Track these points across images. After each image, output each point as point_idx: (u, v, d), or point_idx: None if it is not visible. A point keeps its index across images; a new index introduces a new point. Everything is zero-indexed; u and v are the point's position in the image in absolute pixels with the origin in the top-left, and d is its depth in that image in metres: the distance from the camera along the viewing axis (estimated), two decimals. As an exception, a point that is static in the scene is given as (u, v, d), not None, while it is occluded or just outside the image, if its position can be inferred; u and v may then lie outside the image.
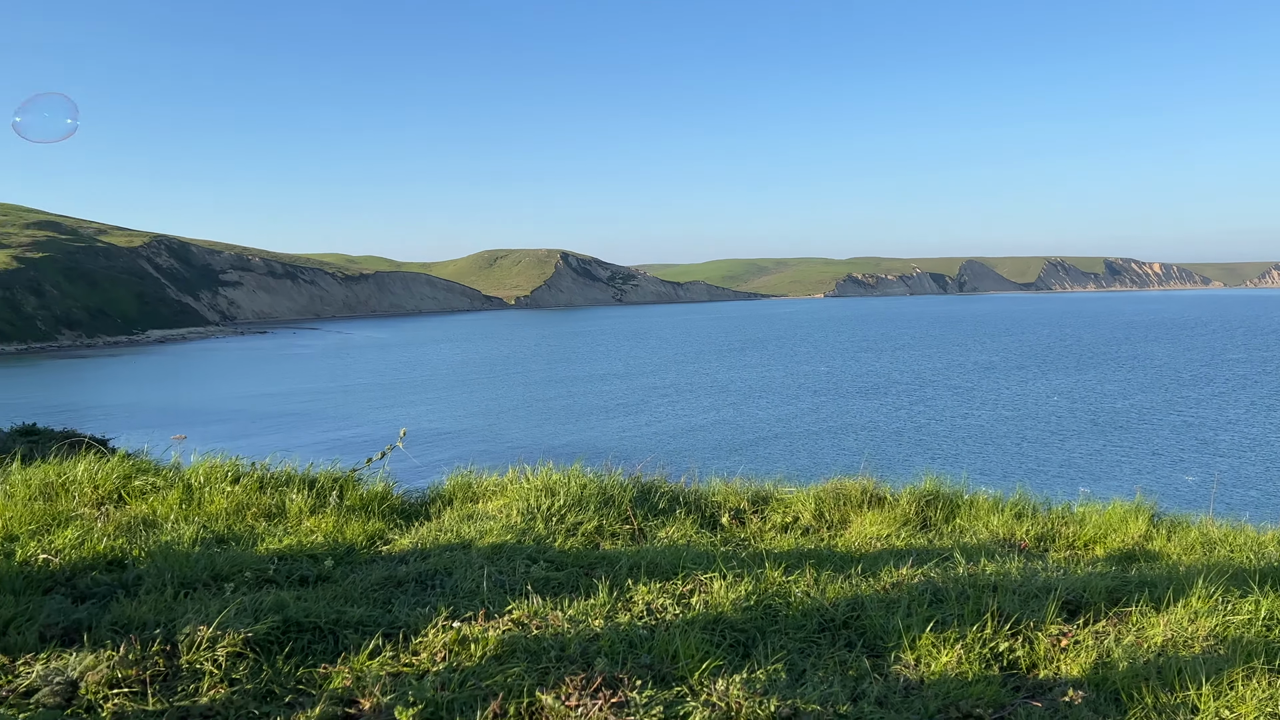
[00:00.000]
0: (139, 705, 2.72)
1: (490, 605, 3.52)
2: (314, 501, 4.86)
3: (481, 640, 3.21)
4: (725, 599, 3.67)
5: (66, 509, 4.38)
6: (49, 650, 2.96)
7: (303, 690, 2.91)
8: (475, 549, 4.25)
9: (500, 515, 4.89)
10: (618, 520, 4.92)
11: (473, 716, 2.74)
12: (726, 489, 5.62)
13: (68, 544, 3.85)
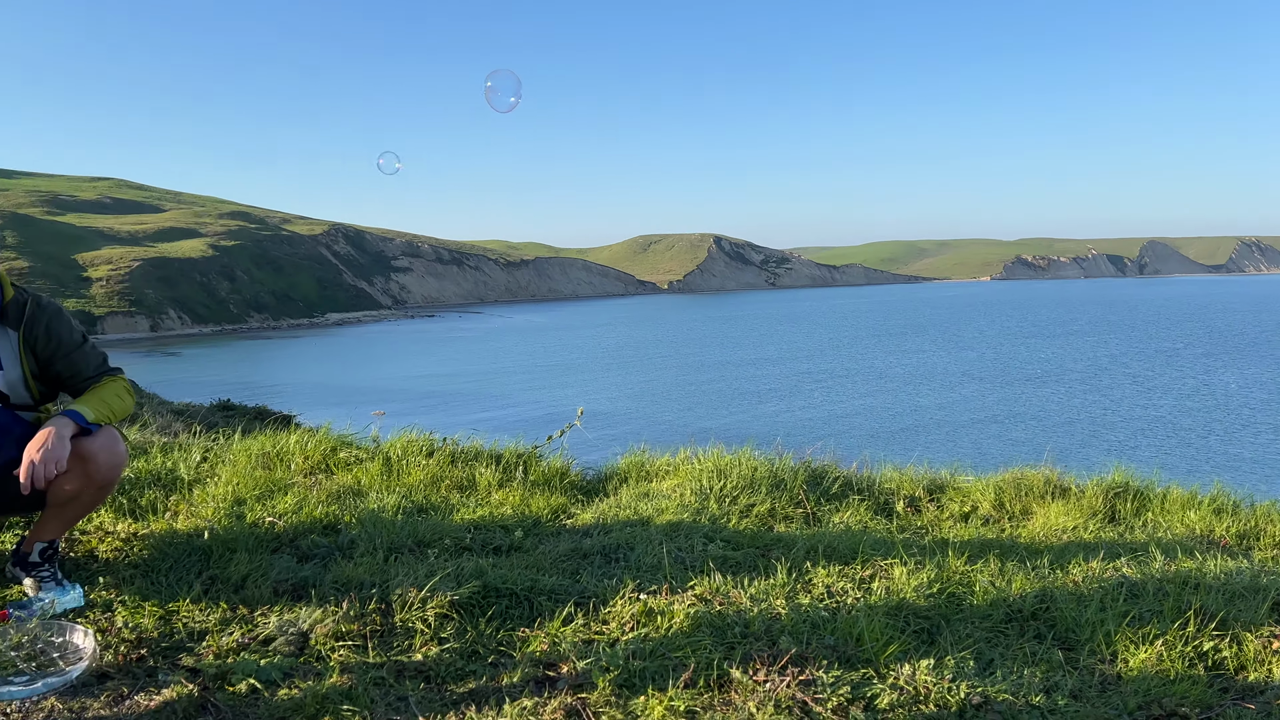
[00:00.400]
0: (361, 658, 2.97)
1: (673, 580, 3.63)
2: (501, 476, 5.12)
3: (668, 613, 3.33)
4: (907, 585, 3.65)
5: (283, 478, 4.79)
6: (281, 604, 3.27)
7: (504, 651, 3.10)
8: (653, 526, 4.37)
9: (674, 494, 5.00)
10: (790, 504, 4.95)
11: (664, 684, 2.85)
12: (900, 476, 5.55)
13: (288, 509, 4.21)
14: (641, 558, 3.90)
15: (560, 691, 2.81)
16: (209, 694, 2.71)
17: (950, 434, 45.88)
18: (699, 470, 5.23)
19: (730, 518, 4.63)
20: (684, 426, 40.01)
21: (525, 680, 2.88)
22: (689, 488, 4.99)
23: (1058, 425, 48.04)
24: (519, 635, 3.19)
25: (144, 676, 2.79)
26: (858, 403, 56.66)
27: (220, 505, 4.23)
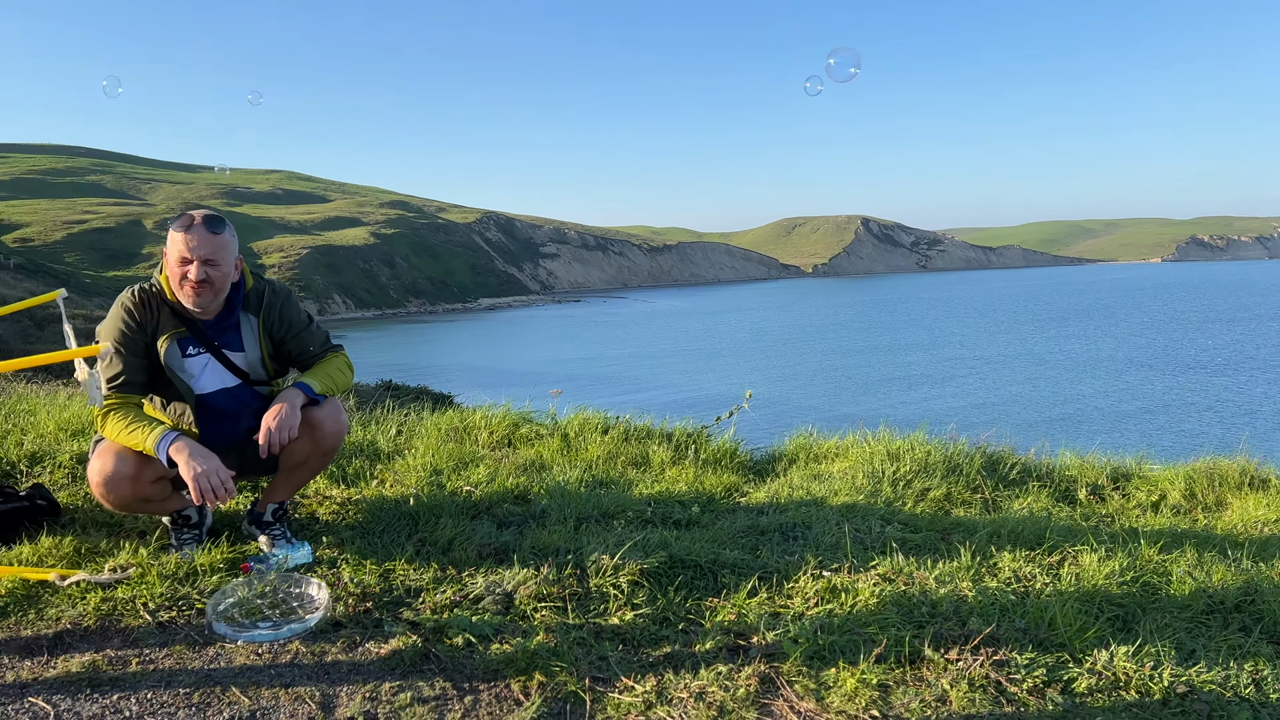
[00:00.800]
0: (561, 618, 3.15)
1: (854, 559, 3.67)
2: (673, 454, 5.26)
3: (852, 590, 3.38)
4: (1098, 572, 3.57)
5: (472, 451, 5.08)
6: (485, 566, 3.51)
7: (692, 619, 3.23)
8: (828, 506, 4.42)
9: (844, 477, 5.02)
10: (966, 489, 4.89)
11: (854, 659, 2.91)
12: (1081, 463, 5.39)
13: (481, 479, 4.48)
14: (820, 537, 3.96)
15: (753, 660, 2.91)
16: (430, 645, 2.95)
17: (1115, 423, 43.46)
18: (870, 453, 5.23)
19: (905, 501, 4.62)
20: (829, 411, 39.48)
21: (718, 648, 2.99)
22: (861, 470, 5.00)
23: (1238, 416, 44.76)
24: (706, 605, 3.30)
25: (372, 627, 3.06)
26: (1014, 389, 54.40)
27: (421, 475, 4.54)
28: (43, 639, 2.91)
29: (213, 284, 3.32)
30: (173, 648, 2.89)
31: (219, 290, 3.37)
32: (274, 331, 3.56)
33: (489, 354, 78.75)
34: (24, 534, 3.60)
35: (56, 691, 2.64)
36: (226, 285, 3.40)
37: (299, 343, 3.60)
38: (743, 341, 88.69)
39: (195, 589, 3.22)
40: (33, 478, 4.24)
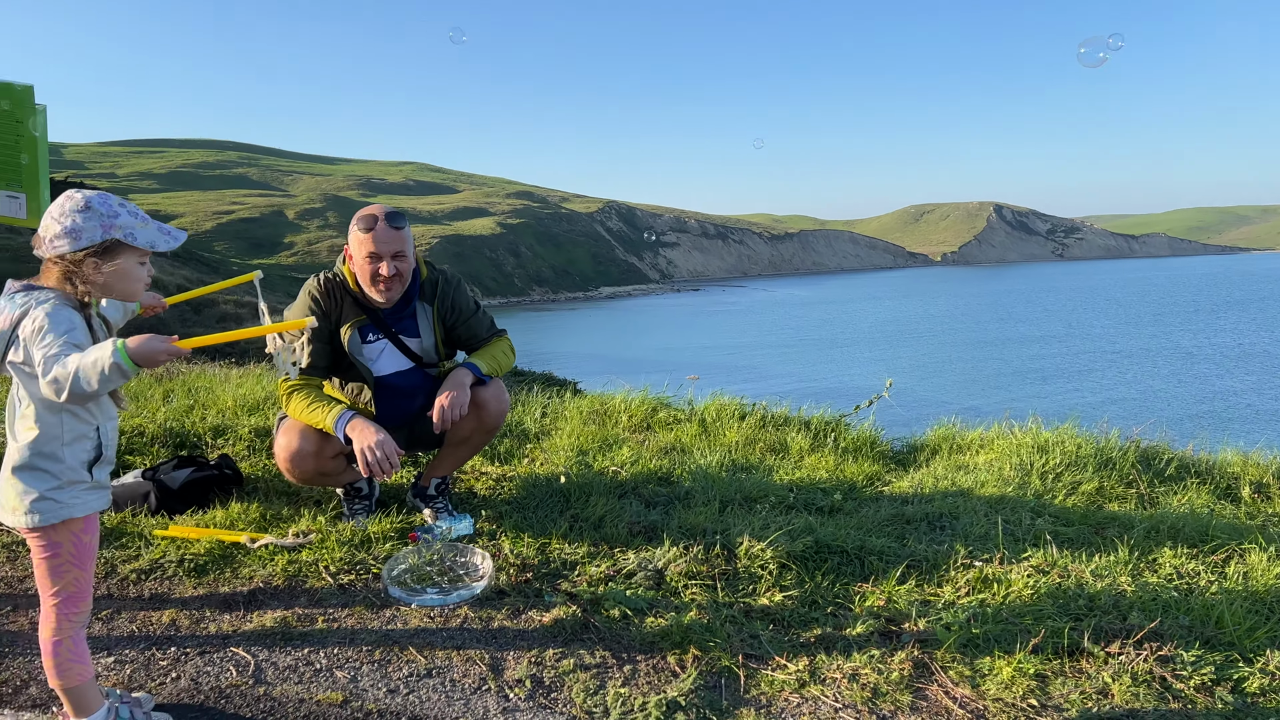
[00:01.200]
0: (711, 596, 3.24)
1: (1005, 550, 3.63)
2: (811, 441, 5.28)
3: (1004, 581, 3.35)
4: (1268, 571, 3.43)
5: (614, 433, 5.22)
6: (636, 544, 3.62)
7: (840, 604, 3.26)
8: (974, 497, 4.36)
9: (990, 468, 4.93)
10: (1120, 483, 4.74)
11: (1008, 648, 2.89)
12: (1244, 460, 5.13)
13: (625, 461, 4.60)
14: (968, 527, 3.92)
15: (906, 645, 2.93)
16: (589, 616, 3.08)
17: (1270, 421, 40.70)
18: (1017, 445, 5.11)
19: (1055, 494, 4.51)
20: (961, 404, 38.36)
21: (869, 632, 3.02)
22: (1007, 462, 4.90)
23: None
24: (855, 590, 3.33)
25: (533, 596, 3.22)
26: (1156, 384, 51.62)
27: (568, 454, 4.70)
28: (239, 595, 3.18)
29: (401, 276, 3.54)
30: (353, 608, 3.11)
31: (405, 281, 3.59)
32: (446, 318, 3.76)
33: (610, 342, 79.67)
34: (215, 500, 3.92)
35: (255, 643, 2.88)
36: (410, 275, 3.61)
37: (468, 328, 3.79)
38: (868, 331, 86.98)
39: (370, 555, 3.45)
40: (217, 449, 4.60)
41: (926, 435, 5.67)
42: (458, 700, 2.62)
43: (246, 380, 6.28)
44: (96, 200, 2.20)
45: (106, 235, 2.18)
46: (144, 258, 2.28)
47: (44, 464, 2.19)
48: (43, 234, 2.20)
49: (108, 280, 2.21)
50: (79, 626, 2.28)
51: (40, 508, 2.18)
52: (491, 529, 3.73)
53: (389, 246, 3.48)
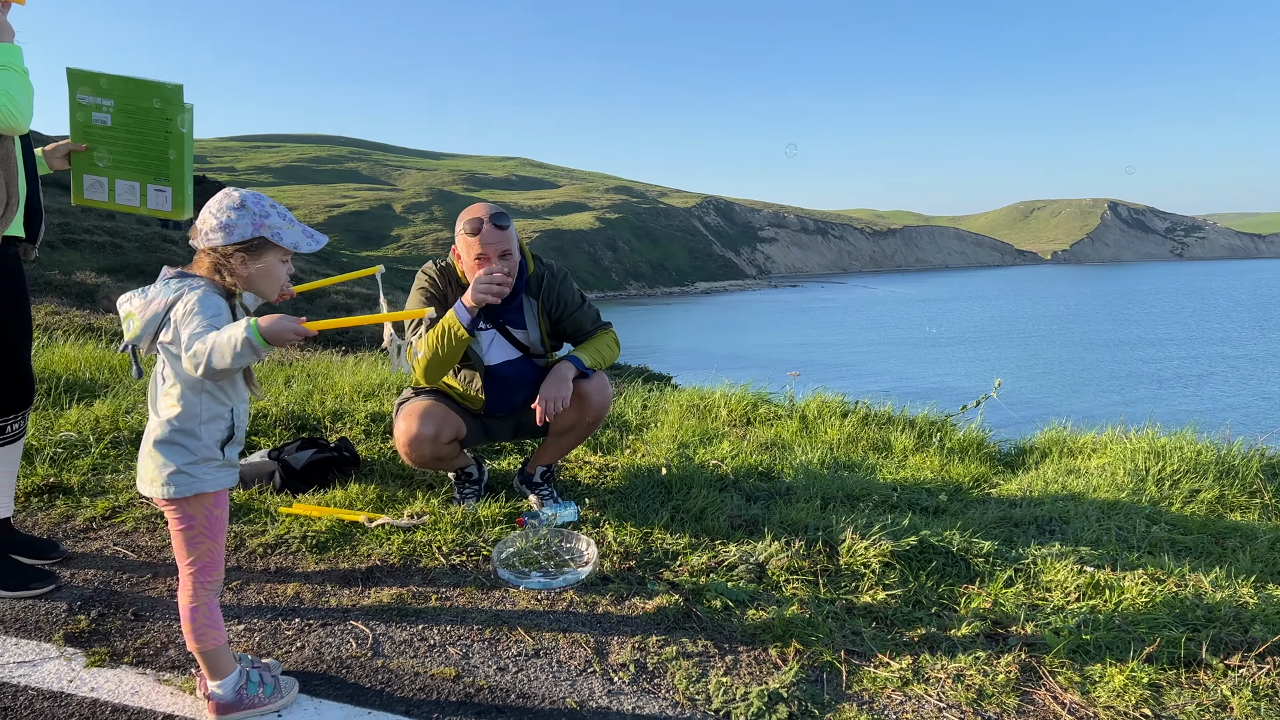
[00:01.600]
0: (813, 592, 3.25)
1: (1117, 557, 3.53)
2: (915, 441, 5.22)
3: (1117, 588, 3.26)
4: (1407, 591, 3.25)
5: (713, 427, 5.25)
6: (737, 537, 3.66)
7: (945, 605, 3.23)
8: (1086, 502, 4.25)
9: (1102, 473, 4.80)
10: (1242, 492, 4.55)
11: (1123, 656, 2.83)
12: (1384, 473, 4.86)
13: (726, 454, 4.64)
14: (1079, 532, 3.83)
15: (1013, 648, 2.89)
16: (691, 605, 3.13)
17: None
18: (1131, 450, 4.96)
19: (1172, 501, 4.36)
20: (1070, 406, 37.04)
21: (975, 633, 2.99)
22: (1121, 467, 4.75)
23: None
24: (960, 591, 3.30)
25: (636, 584, 3.29)
26: None
27: (669, 447, 4.76)
28: (358, 572, 3.33)
29: (510, 275, 3.63)
30: (464, 588, 3.23)
31: (514, 278, 3.68)
32: (551, 312, 3.85)
33: (707, 337, 79.55)
34: (335, 480, 4.11)
35: (373, 618, 3.03)
36: (517, 271, 3.72)
37: (573, 321, 3.89)
38: (974, 330, 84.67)
39: (480, 537, 3.57)
40: (336, 432, 4.81)
41: (1036, 438, 5.54)
42: (564, 681, 2.70)
43: (362, 367, 6.54)
44: (251, 199, 2.36)
45: (256, 233, 2.34)
46: (286, 257, 2.43)
47: (182, 440, 2.35)
48: (200, 226, 2.37)
49: (252, 274, 2.37)
50: (213, 594, 2.44)
51: (176, 480, 2.34)
52: (595, 516, 3.82)
53: (496, 247, 3.58)
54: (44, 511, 3.81)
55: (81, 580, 3.23)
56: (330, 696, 2.57)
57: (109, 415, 4.81)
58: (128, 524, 3.71)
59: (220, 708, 2.43)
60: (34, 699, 2.50)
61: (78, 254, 22.67)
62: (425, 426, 3.65)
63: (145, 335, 2.31)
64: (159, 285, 2.35)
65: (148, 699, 2.51)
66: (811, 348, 70.10)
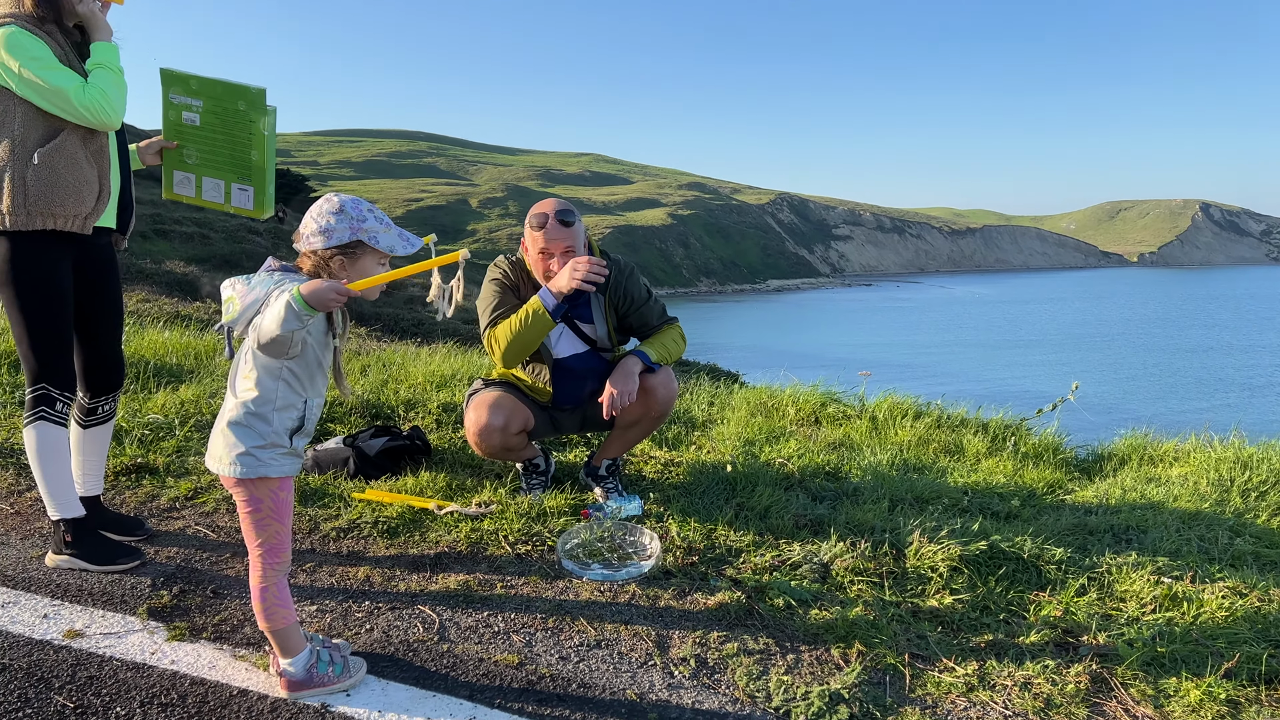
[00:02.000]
0: (878, 594, 3.21)
1: (1198, 569, 3.42)
2: (989, 444, 5.11)
3: (1195, 600, 3.16)
4: None
5: (781, 426, 5.22)
6: (801, 536, 3.63)
7: (1014, 611, 3.16)
8: (1165, 511, 4.12)
9: (1184, 482, 4.64)
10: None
11: (1199, 670, 2.74)
12: None
13: (792, 453, 4.61)
14: (1157, 542, 3.71)
15: (1083, 658, 2.82)
16: (753, 603, 3.12)
17: None
18: (1216, 459, 4.78)
19: (1259, 513, 4.20)
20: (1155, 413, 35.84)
21: (1044, 641, 2.93)
22: (1205, 477, 4.59)
23: None
24: (1030, 598, 3.23)
25: (698, 579, 3.29)
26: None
27: (735, 444, 4.75)
28: (426, 558, 3.41)
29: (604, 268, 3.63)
30: (529, 577, 3.28)
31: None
32: (619, 306, 3.88)
33: (777, 335, 78.96)
34: (406, 468, 4.20)
35: (440, 603, 3.09)
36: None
37: (640, 316, 3.91)
38: (1055, 333, 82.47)
39: (545, 528, 3.62)
40: (409, 421, 4.92)
41: (1115, 444, 5.38)
42: (624, 673, 2.72)
43: (435, 358, 6.67)
44: (349, 204, 2.45)
45: (353, 236, 2.42)
46: (383, 260, 2.51)
47: (254, 423, 2.43)
48: (301, 230, 2.47)
49: (350, 277, 2.45)
50: (281, 575, 2.52)
51: (243, 461, 2.42)
52: (659, 511, 3.83)
53: (560, 244, 3.63)
54: (131, 490, 3.97)
55: (164, 557, 3.37)
56: (396, 678, 2.63)
57: (193, 399, 5.00)
58: (209, 504, 3.85)
59: (292, 684, 2.51)
60: (118, 669, 2.61)
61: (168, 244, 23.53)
62: (495, 417, 3.71)
63: (241, 320, 2.40)
64: (262, 275, 2.44)
65: (224, 673, 2.61)
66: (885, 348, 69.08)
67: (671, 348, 3.89)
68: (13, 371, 5.41)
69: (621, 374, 3.67)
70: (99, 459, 3.52)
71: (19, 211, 3.01)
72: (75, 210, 3.09)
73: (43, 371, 3.19)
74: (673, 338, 3.92)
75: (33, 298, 3.11)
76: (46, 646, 2.71)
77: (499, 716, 2.46)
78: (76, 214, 3.10)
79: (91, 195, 3.13)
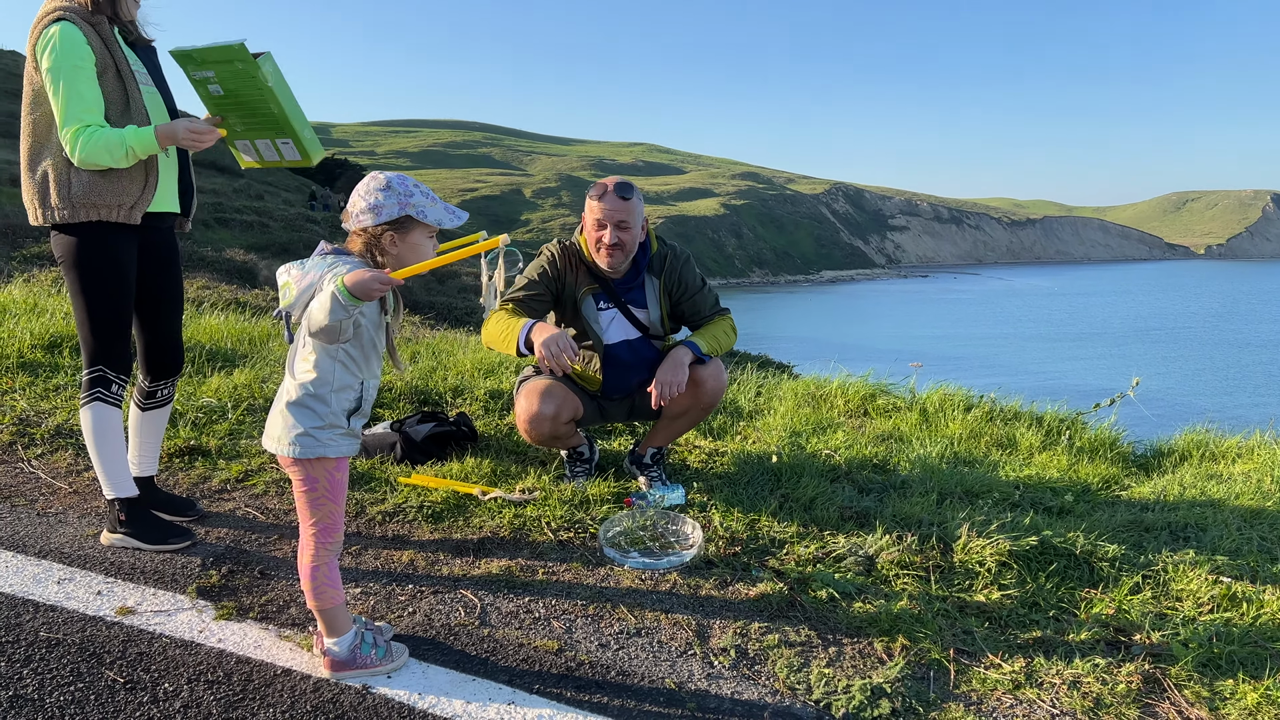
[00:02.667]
0: (924, 588, 3.16)
1: (1258, 569, 3.30)
2: (1043, 439, 5.00)
3: (1255, 601, 3.06)
4: None
5: (829, 417, 5.16)
6: (847, 528, 3.59)
7: (1064, 608, 3.09)
8: (1226, 509, 3.99)
9: (1247, 480, 4.49)
10: None
11: (1258, 673, 2.65)
12: None
13: (839, 445, 4.55)
14: (1217, 540, 3.60)
15: (1136, 658, 2.74)
16: (795, 594, 3.09)
17: None
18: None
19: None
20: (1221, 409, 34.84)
21: (1094, 640, 2.85)
22: (1269, 474, 4.44)
23: None
24: (1081, 596, 3.15)
25: (740, 570, 3.27)
26: None
27: (781, 435, 4.71)
28: (469, 543, 3.43)
29: (623, 246, 3.68)
30: (571, 564, 3.28)
31: (628, 251, 3.73)
32: (672, 292, 3.87)
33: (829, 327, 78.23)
34: (452, 453, 4.23)
35: (482, 588, 3.11)
36: (634, 246, 3.75)
37: (693, 304, 3.89)
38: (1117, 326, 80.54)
39: (588, 515, 3.62)
40: (456, 407, 4.96)
41: (1175, 440, 5.22)
42: (664, 661, 2.71)
43: (480, 348, 6.71)
44: (395, 181, 2.47)
45: (402, 211, 2.44)
46: (432, 234, 2.52)
47: (313, 404, 2.46)
48: (350, 209, 2.49)
49: (400, 253, 2.48)
50: (333, 555, 2.55)
51: (302, 441, 2.45)
52: (702, 500, 3.81)
53: (614, 215, 3.63)
54: (184, 472, 4.06)
55: (214, 538, 3.44)
56: (437, 662, 2.65)
57: (246, 384, 5.09)
58: (259, 487, 3.92)
59: (335, 664, 2.54)
60: (167, 646, 2.67)
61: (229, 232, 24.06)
62: (545, 405, 3.72)
63: (298, 304, 2.43)
64: (315, 258, 2.47)
65: (269, 653, 2.65)
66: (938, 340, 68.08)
67: (722, 339, 3.86)
68: (74, 354, 5.56)
69: (672, 364, 3.65)
70: (155, 441, 3.60)
71: (65, 205, 3.09)
72: (118, 201, 3.14)
73: (100, 354, 3.26)
74: (724, 329, 3.89)
75: (93, 283, 3.19)
76: (99, 622, 2.78)
77: (537, 702, 2.47)
78: (120, 204, 3.14)
79: (135, 186, 3.17)
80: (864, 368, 6.18)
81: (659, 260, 3.85)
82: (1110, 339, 71.46)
